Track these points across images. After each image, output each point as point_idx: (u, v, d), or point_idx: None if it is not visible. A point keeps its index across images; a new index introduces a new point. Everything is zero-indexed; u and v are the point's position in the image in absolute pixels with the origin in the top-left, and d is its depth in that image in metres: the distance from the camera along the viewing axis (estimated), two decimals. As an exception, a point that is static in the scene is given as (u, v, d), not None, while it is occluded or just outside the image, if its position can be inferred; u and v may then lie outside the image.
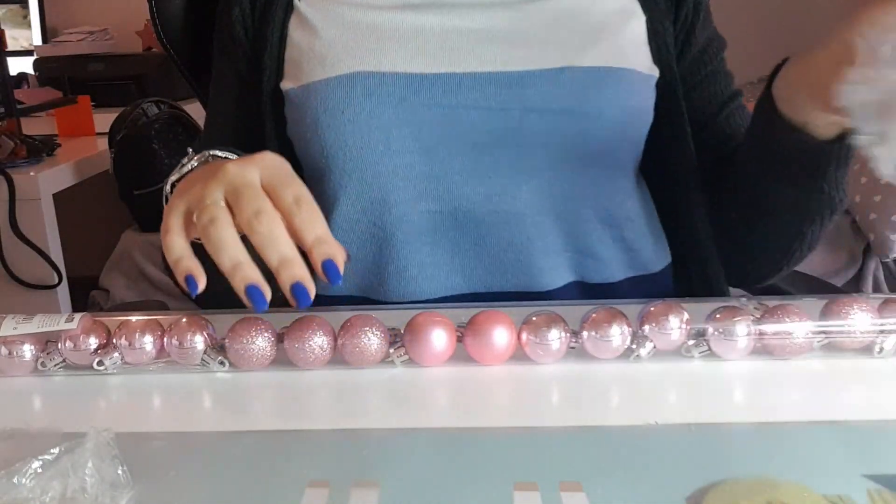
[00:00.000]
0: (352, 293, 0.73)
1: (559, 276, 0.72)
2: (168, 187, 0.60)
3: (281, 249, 0.47)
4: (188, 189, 0.51)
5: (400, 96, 0.69)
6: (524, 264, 0.71)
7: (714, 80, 0.80)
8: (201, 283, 0.48)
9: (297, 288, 0.47)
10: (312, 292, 0.47)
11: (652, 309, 0.57)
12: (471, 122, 0.69)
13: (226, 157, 0.59)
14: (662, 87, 0.76)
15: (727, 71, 0.82)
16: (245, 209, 0.48)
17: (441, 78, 0.69)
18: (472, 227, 0.70)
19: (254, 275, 0.47)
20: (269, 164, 0.51)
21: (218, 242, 0.47)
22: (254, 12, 0.76)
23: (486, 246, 0.71)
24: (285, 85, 0.73)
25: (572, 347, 0.57)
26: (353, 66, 0.70)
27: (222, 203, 0.49)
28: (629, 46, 0.74)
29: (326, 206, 0.71)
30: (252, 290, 0.47)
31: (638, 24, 0.76)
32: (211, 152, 0.60)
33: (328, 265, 0.48)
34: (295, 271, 0.47)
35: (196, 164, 0.60)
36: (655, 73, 0.75)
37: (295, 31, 0.75)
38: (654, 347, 0.57)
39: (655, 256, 0.78)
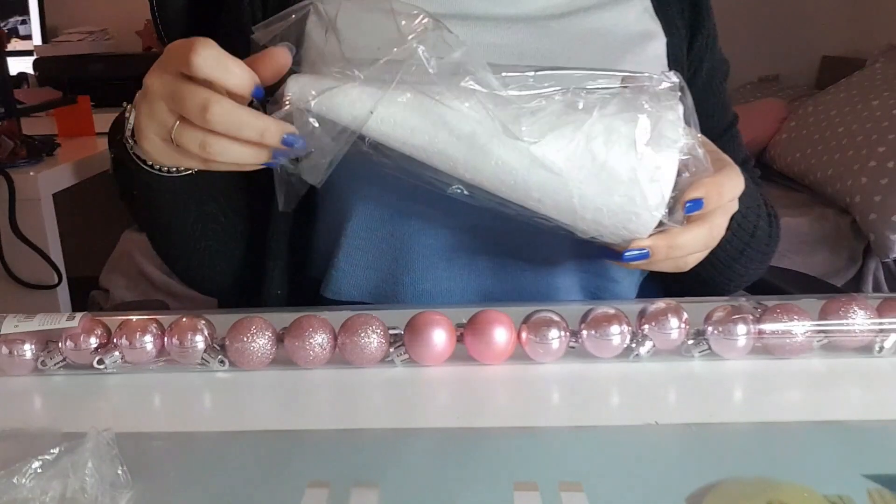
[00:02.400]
0: (364, 300, 0.73)
1: (573, 294, 0.73)
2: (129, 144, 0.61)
3: (251, 122, 0.51)
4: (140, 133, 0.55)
5: None
6: (540, 282, 0.71)
7: (717, 109, 0.81)
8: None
9: (288, 139, 0.52)
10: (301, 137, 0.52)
11: (652, 308, 0.57)
12: None
13: None
14: None
15: (728, 99, 0.84)
16: (190, 108, 0.51)
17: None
18: (491, 243, 0.70)
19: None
20: (174, 55, 0.53)
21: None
22: (266, 6, 0.74)
23: (502, 263, 0.71)
24: None
25: (572, 347, 0.57)
26: None
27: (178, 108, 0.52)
28: (651, 68, 0.75)
29: (344, 212, 0.71)
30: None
31: (659, 46, 0.76)
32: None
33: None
34: (277, 127, 0.51)
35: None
36: None
37: (313, 31, 0.73)
38: (654, 347, 0.57)
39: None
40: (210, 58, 0.50)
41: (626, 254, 0.55)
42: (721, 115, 0.82)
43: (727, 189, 0.56)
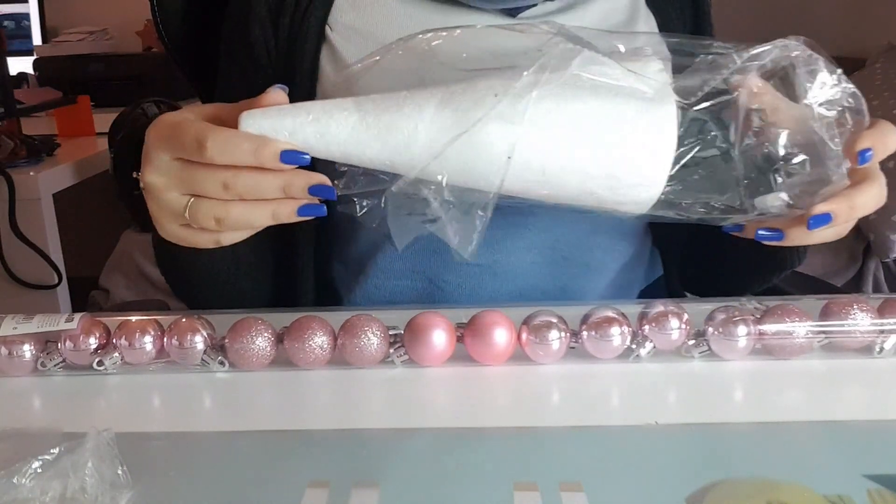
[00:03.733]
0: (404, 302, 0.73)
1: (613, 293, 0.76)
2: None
3: (271, 181, 0.49)
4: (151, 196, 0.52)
5: None
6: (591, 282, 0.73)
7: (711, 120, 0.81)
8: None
9: (316, 189, 0.49)
10: (328, 184, 0.49)
11: (652, 309, 0.57)
12: None
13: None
14: None
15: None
16: (211, 189, 0.49)
17: None
18: (512, 277, 0.71)
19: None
20: (173, 145, 0.50)
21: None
22: (278, 34, 0.70)
23: (527, 296, 0.72)
24: None
25: (572, 347, 0.57)
26: None
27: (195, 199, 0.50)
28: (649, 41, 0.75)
29: (375, 245, 0.71)
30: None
31: (651, 27, 0.76)
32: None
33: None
34: (301, 180, 0.49)
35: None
36: None
37: (327, 66, 0.70)
38: (654, 347, 0.57)
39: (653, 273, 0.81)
40: (222, 143, 0.48)
41: (811, 220, 0.51)
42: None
43: (891, 139, 0.52)
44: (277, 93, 0.51)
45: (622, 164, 0.50)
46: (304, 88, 0.69)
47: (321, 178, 0.49)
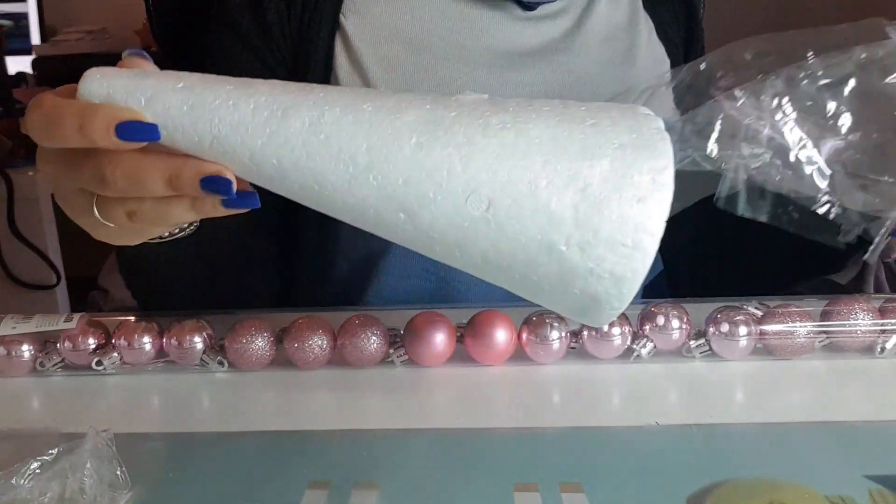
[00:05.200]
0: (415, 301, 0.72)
1: None
2: None
3: (151, 172, 0.38)
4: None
5: None
6: None
7: None
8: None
9: (207, 182, 0.37)
10: (230, 176, 0.38)
11: (653, 309, 0.57)
12: None
13: None
14: None
15: None
16: (88, 181, 0.39)
17: None
18: None
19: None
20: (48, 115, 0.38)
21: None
22: (290, 22, 0.68)
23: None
24: None
25: (572, 347, 0.57)
26: None
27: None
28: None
29: (385, 244, 0.70)
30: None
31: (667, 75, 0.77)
32: None
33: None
34: (189, 170, 0.37)
35: None
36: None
37: (341, 55, 0.68)
38: (655, 347, 0.56)
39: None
40: (41, 118, 0.38)
41: None
42: None
43: None
44: (139, 58, 0.40)
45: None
46: (317, 78, 0.68)
47: (215, 168, 0.38)
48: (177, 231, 0.48)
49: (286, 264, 0.74)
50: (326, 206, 0.39)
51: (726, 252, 0.81)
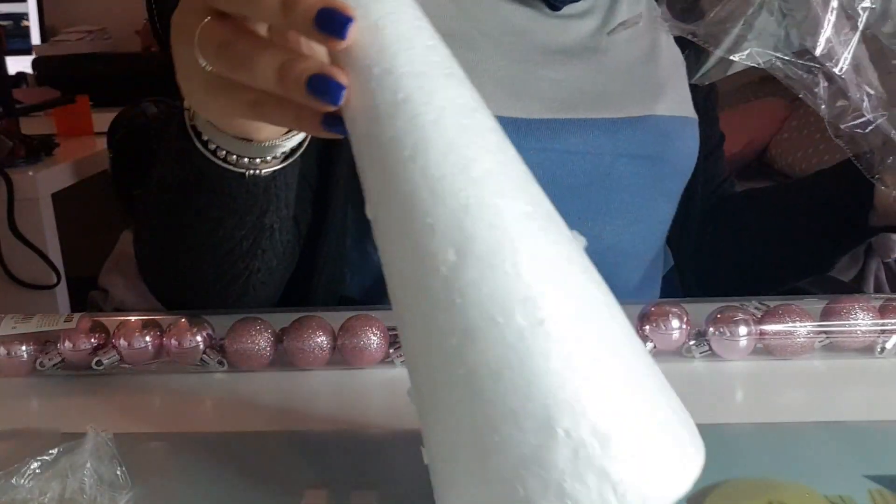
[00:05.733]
0: None
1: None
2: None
3: (269, 53, 0.35)
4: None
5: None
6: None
7: (709, 126, 0.83)
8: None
9: (315, 81, 0.34)
10: (342, 79, 0.34)
11: (652, 309, 0.57)
12: (569, 165, 0.69)
13: None
14: None
15: (717, 116, 0.86)
16: (267, 7, 0.34)
17: (545, 123, 0.68)
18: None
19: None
20: None
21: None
22: None
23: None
24: None
25: (573, 347, 0.56)
26: None
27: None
28: (686, 96, 0.77)
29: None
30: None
31: (685, 75, 0.78)
32: None
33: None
34: (300, 64, 0.34)
35: None
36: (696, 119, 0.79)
37: None
38: (655, 347, 0.56)
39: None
40: None
41: None
42: (715, 129, 0.85)
43: None
44: None
45: None
46: None
47: (330, 70, 0.34)
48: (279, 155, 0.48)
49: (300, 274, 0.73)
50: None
51: (726, 253, 0.82)
